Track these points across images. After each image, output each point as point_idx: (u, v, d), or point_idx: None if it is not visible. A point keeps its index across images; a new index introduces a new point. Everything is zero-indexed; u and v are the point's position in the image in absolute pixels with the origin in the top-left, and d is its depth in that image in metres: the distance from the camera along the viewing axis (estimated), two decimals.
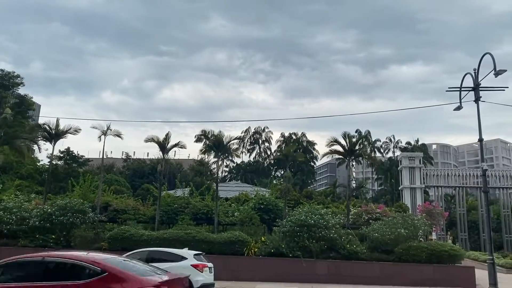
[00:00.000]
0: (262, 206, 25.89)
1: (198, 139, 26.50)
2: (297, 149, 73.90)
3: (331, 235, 19.65)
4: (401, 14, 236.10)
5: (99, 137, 25.72)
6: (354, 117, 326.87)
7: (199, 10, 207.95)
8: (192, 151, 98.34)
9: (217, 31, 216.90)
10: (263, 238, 21.26)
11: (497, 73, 16.50)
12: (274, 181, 64.53)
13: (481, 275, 18.77)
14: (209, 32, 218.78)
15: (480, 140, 18.47)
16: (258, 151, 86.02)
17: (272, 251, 19.78)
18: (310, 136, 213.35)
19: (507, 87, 18.06)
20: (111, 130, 26.02)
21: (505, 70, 16.41)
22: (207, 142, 25.88)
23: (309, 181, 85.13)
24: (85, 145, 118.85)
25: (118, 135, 26.40)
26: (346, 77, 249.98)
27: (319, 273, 19.33)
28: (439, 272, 19.03)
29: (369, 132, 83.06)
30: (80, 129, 27.18)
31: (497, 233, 58.44)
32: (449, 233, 65.89)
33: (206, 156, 60.06)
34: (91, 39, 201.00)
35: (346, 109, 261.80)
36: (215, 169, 49.11)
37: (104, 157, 30.81)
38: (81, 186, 30.89)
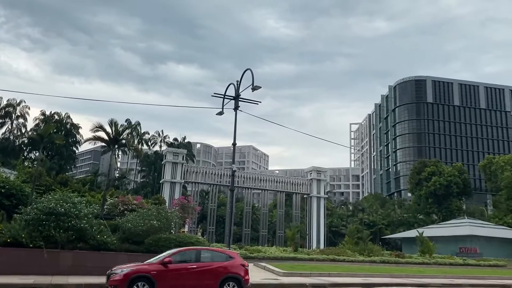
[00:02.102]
0: (3, 190, 22.56)
1: None
2: (58, 131, 67.59)
3: (82, 225, 18.62)
4: (185, 16, 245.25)
5: None
6: (128, 106, 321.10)
7: None
8: None
9: None
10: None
11: (254, 88, 18.91)
12: (26, 163, 57.29)
13: None
14: None
15: (234, 144, 20.71)
16: (10, 127, 74.68)
17: (9, 240, 17.41)
18: (76, 119, 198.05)
19: (261, 102, 20.87)
20: None
21: (260, 87, 18.95)
22: None
23: (68, 167, 78.94)
24: None
25: None
26: (124, 64, 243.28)
27: (63, 264, 18.02)
28: None
29: (139, 123, 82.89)
30: None
31: (239, 227, 66.77)
32: (200, 226, 71.56)
33: None
34: None
35: (121, 97, 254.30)
36: None
37: None
38: None
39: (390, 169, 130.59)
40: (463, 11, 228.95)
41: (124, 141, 27.68)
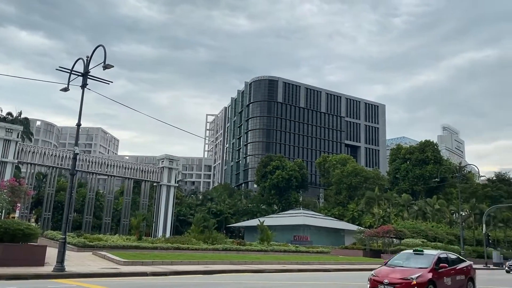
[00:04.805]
0: None
1: None
2: None
3: None
4: None
5: None
6: None
7: None
8: None
9: None
10: None
11: (105, 67, 17.76)
12: None
13: (54, 253, 19.23)
14: None
15: (78, 124, 19.17)
16: None
17: None
18: None
19: (112, 82, 19.66)
20: None
21: (112, 66, 17.88)
22: None
23: None
24: None
25: None
26: None
27: None
28: (9, 251, 18.19)
29: None
30: None
31: (80, 214, 62.36)
32: (34, 211, 64.80)
33: None
34: None
35: None
36: None
37: None
38: None
39: (240, 161, 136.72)
40: (315, 22, 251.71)
41: None
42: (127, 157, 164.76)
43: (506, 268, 37.96)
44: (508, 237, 71.86)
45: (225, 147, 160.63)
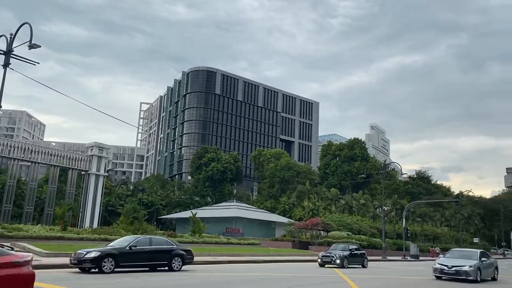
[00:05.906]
0: None
1: None
2: None
3: None
4: None
5: None
6: None
7: None
8: None
9: None
10: None
11: (31, 46, 16.68)
12: None
13: None
14: None
15: None
16: None
17: None
18: None
19: (39, 63, 18.48)
20: None
21: (39, 46, 16.83)
22: None
23: None
24: None
25: None
26: None
27: None
28: None
29: None
30: None
31: None
32: None
33: None
34: None
35: None
36: None
37: None
38: None
39: (174, 152, 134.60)
40: (255, 16, 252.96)
41: None
42: (54, 144, 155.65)
43: (319, 260, 28.46)
44: (425, 231, 77.46)
45: (159, 137, 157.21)
